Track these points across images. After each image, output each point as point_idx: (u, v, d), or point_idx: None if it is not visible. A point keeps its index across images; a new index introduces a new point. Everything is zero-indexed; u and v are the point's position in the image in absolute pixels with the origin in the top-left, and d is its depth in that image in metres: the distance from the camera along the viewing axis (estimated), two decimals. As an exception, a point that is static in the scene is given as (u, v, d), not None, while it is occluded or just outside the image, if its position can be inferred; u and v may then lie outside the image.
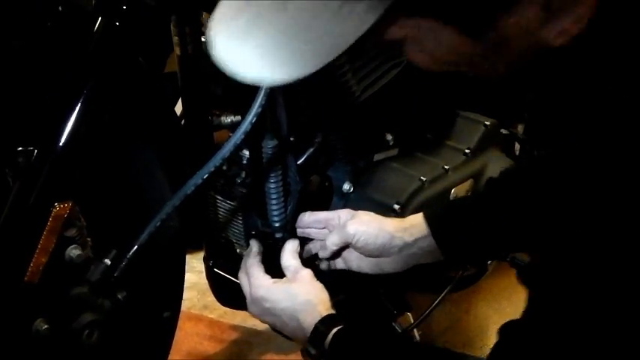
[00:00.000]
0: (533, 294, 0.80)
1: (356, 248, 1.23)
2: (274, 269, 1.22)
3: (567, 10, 0.68)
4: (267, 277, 1.19)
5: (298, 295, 1.13)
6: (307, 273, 1.18)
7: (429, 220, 1.20)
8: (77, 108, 1.02)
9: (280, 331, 1.20)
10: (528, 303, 0.80)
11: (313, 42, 0.67)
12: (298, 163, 1.31)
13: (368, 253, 1.23)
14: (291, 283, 1.17)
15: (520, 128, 1.79)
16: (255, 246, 1.25)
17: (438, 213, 1.22)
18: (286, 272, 1.20)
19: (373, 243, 1.21)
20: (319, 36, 0.67)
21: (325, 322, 1.07)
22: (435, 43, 0.72)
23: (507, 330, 0.83)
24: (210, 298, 1.86)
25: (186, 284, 1.41)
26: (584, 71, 0.75)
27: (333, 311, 1.11)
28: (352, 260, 1.26)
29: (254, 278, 1.19)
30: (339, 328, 1.05)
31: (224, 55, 0.69)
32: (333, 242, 1.23)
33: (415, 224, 1.21)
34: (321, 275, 1.19)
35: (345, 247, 1.25)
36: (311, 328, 1.08)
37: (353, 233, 1.21)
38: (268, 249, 1.26)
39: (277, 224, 1.29)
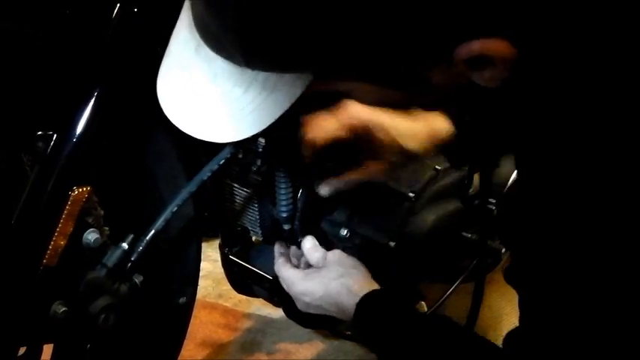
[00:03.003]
0: (521, 296, 0.81)
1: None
2: None
3: (493, 64, 0.68)
4: (297, 271, 1.20)
5: (331, 280, 1.13)
6: (334, 254, 1.19)
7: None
8: (95, 94, 1.03)
9: None
10: (520, 307, 0.81)
11: (246, 112, 0.72)
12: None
13: None
14: (321, 270, 1.17)
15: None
16: (278, 247, 1.27)
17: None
18: (317, 266, 1.21)
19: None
20: (251, 107, 0.71)
21: (365, 304, 1.07)
22: (365, 96, 0.76)
23: (511, 340, 0.83)
24: (225, 286, 1.88)
25: (201, 273, 1.42)
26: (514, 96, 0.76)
27: (372, 287, 1.10)
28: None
29: (286, 278, 1.20)
30: (379, 308, 1.05)
31: (171, 116, 0.76)
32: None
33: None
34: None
35: None
36: (351, 308, 1.08)
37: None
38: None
39: (284, 214, 1.29)
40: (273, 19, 0.63)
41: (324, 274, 1.15)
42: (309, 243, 1.24)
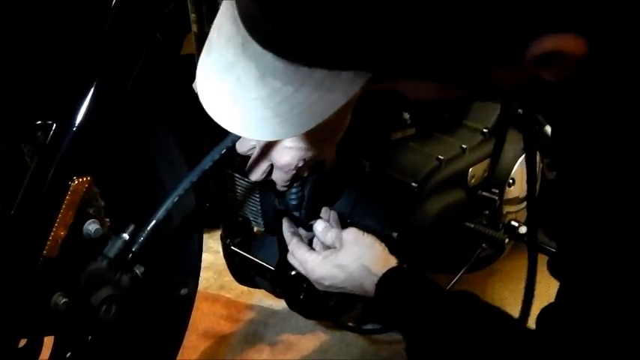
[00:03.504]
0: (564, 284, 0.80)
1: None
2: None
3: (560, 60, 0.66)
4: (315, 255, 1.19)
5: (350, 263, 1.13)
6: (349, 234, 1.18)
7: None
8: (96, 83, 1.02)
9: None
10: (560, 293, 0.80)
11: (296, 112, 0.68)
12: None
13: None
14: (338, 253, 1.17)
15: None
16: (288, 226, 1.26)
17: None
18: (333, 246, 1.20)
19: None
20: (302, 107, 0.68)
21: (384, 283, 1.08)
22: (422, 94, 0.73)
23: (545, 317, 0.83)
24: (227, 278, 1.87)
25: (203, 264, 1.41)
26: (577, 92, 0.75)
27: (389, 264, 1.11)
28: None
29: (304, 261, 1.19)
30: (398, 286, 1.06)
31: (214, 115, 0.73)
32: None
33: None
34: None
35: None
36: (372, 287, 1.09)
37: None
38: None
39: (294, 202, 1.29)
40: (334, 15, 0.60)
41: (343, 257, 1.15)
42: (321, 225, 1.23)
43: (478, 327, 0.93)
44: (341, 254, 1.16)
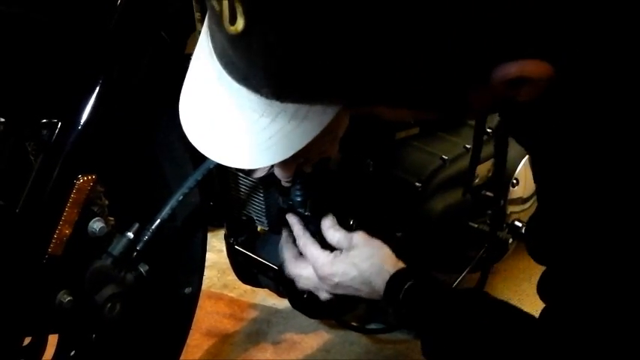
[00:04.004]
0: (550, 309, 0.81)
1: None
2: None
3: (527, 84, 0.67)
4: (326, 254, 1.19)
5: (362, 261, 1.14)
6: (360, 236, 1.18)
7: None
8: (101, 81, 1.02)
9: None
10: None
11: (274, 141, 0.71)
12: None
13: None
14: (349, 251, 1.17)
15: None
16: (295, 221, 1.26)
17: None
18: (340, 246, 1.20)
19: None
20: (279, 136, 0.70)
21: (396, 280, 1.08)
22: (398, 117, 0.77)
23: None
24: (230, 276, 1.87)
25: (206, 263, 1.41)
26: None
27: (398, 265, 1.11)
28: None
29: (314, 258, 1.19)
30: (409, 284, 1.05)
31: (195, 142, 0.76)
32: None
33: None
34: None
35: None
36: (381, 285, 1.09)
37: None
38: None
39: (299, 199, 1.29)
40: (303, 52, 0.62)
41: (355, 255, 1.15)
42: (328, 222, 1.23)
43: (494, 324, 0.93)
44: (353, 253, 1.16)
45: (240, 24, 0.63)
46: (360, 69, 0.63)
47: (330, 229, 1.22)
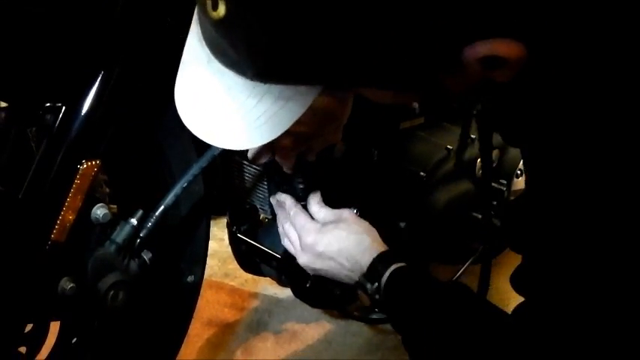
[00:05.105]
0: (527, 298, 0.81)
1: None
2: None
3: (501, 64, 0.68)
4: (314, 222, 1.18)
5: (350, 234, 1.13)
6: (349, 213, 1.19)
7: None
8: (106, 65, 1.01)
9: (332, 278, 1.19)
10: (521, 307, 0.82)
11: (261, 121, 0.74)
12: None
13: None
14: (337, 223, 1.17)
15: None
16: (288, 197, 1.25)
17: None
18: (326, 222, 1.19)
19: None
20: (265, 117, 0.74)
21: (382, 259, 1.08)
22: (380, 99, 0.77)
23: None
24: (231, 265, 1.87)
25: (207, 252, 1.41)
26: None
27: (385, 247, 1.11)
28: None
29: (301, 226, 1.19)
30: (396, 266, 1.05)
31: (188, 125, 0.79)
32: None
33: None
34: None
35: None
36: (367, 261, 1.09)
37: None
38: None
39: (301, 186, 1.28)
40: (284, 35, 0.65)
41: (343, 228, 1.15)
42: (316, 198, 1.23)
43: (470, 321, 0.93)
44: (342, 225, 1.16)
45: (221, 9, 0.66)
46: (337, 51, 0.66)
47: (316, 204, 1.22)
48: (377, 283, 1.06)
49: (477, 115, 1.42)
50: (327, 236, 1.15)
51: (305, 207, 1.24)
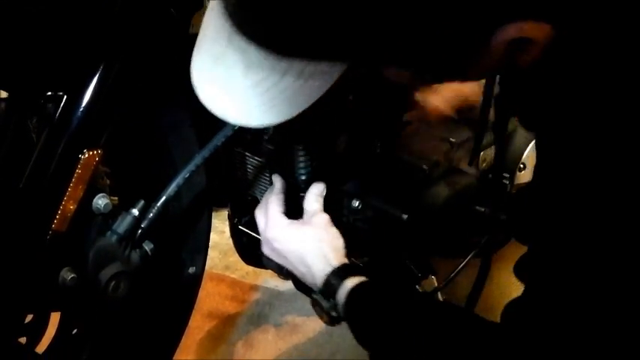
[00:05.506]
0: (530, 286, 0.80)
1: None
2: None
3: (527, 46, 0.69)
4: (284, 217, 1.16)
5: (309, 238, 1.11)
6: (322, 218, 1.16)
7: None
8: (108, 54, 1.00)
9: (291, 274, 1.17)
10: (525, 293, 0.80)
11: (280, 99, 0.73)
12: (328, 120, 1.29)
13: None
14: (304, 225, 1.15)
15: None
16: (278, 183, 1.23)
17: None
18: (305, 215, 1.18)
19: None
20: (286, 95, 0.72)
21: (338, 274, 1.04)
22: (399, 80, 0.77)
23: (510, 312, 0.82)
24: (232, 258, 1.87)
25: (208, 244, 1.40)
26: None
27: (345, 260, 1.08)
28: None
29: (270, 217, 1.17)
30: (356, 282, 1.01)
31: (207, 103, 0.76)
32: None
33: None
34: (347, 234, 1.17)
35: None
36: (320, 275, 1.05)
37: None
38: (293, 204, 1.25)
39: (303, 177, 1.27)
40: (312, 8, 0.64)
41: (306, 231, 1.13)
42: (316, 189, 1.21)
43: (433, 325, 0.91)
44: (306, 228, 1.14)
45: None
46: (364, 27, 0.65)
47: (314, 195, 1.20)
48: (332, 300, 1.04)
49: (495, 98, 1.40)
50: (287, 234, 1.14)
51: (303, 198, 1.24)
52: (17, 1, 0.95)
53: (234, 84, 0.74)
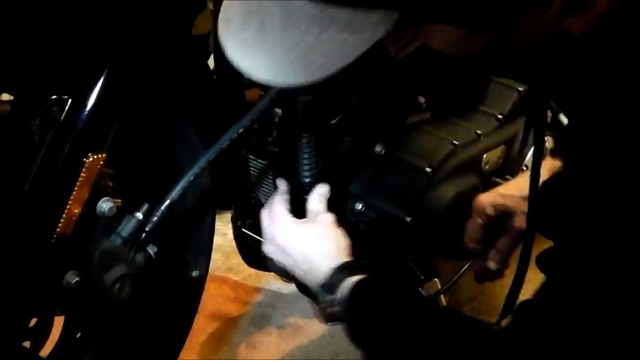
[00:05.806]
0: (550, 278, 0.78)
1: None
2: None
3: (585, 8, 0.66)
4: (289, 216, 1.16)
5: (313, 235, 1.11)
6: (327, 217, 1.15)
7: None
8: (112, 57, 1.00)
9: (291, 273, 1.16)
10: (543, 286, 0.78)
11: (318, 54, 0.67)
12: (332, 122, 1.29)
13: None
14: (308, 224, 1.15)
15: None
16: (283, 185, 1.23)
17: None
18: (308, 215, 1.18)
19: None
20: (325, 49, 0.67)
21: (342, 270, 1.02)
22: (445, 43, 0.73)
23: (523, 311, 0.81)
24: (235, 260, 1.87)
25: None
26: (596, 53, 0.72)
27: (350, 258, 1.06)
28: None
29: (274, 215, 1.17)
30: (360, 278, 0.99)
31: (237, 61, 0.71)
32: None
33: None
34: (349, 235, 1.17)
35: None
36: (323, 272, 1.03)
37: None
38: (297, 206, 1.25)
39: (307, 179, 1.27)
40: None
41: (310, 229, 1.13)
42: (320, 189, 1.21)
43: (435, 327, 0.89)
44: (310, 226, 1.14)
45: None
46: None
47: (317, 195, 1.20)
48: (332, 296, 1.01)
49: (531, 89, 1.36)
50: (290, 231, 1.13)
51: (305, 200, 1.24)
52: (21, 3, 0.95)
53: (270, 37, 0.69)
